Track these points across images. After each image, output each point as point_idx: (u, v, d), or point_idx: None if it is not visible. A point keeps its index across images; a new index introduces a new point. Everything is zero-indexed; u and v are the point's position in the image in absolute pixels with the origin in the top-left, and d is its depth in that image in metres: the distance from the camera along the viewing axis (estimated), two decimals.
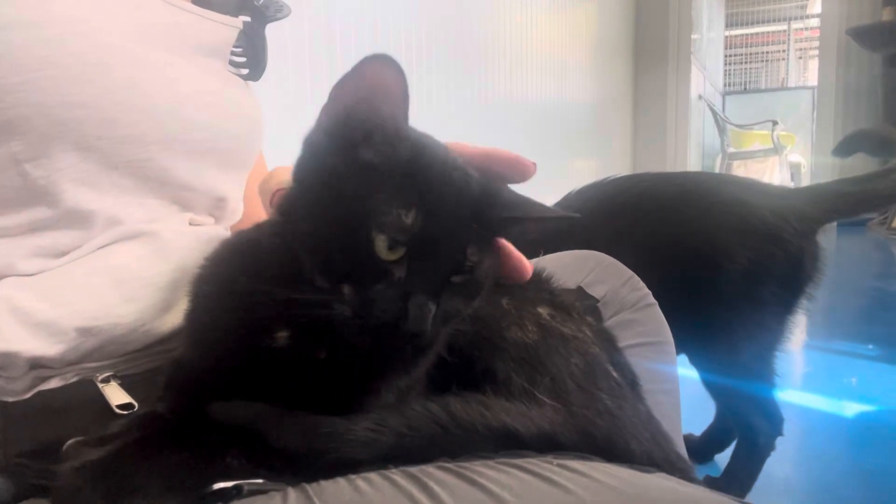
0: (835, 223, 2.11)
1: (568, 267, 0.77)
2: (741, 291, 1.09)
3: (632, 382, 0.58)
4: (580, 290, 0.75)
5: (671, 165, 5.30)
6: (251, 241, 0.46)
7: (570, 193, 1.32)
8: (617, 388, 0.53)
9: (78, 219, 0.50)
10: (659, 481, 0.38)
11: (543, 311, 0.54)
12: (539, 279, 0.62)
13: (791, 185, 6.28)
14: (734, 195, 1.15)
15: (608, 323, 0.74)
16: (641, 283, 0.78)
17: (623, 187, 1.26)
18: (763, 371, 1.14)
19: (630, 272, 0.79)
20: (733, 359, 1.12)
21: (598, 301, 0.75)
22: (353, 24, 1.75)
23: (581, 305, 0.63)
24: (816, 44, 6.84)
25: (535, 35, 3.29)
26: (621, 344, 0.64)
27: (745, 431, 1.17)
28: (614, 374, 0.55)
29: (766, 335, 1.13)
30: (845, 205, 1.09)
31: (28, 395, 0.46)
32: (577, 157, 4.14)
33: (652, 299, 0.78)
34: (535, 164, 0.45)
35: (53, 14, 0.48)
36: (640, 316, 0.75)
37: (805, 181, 6.63)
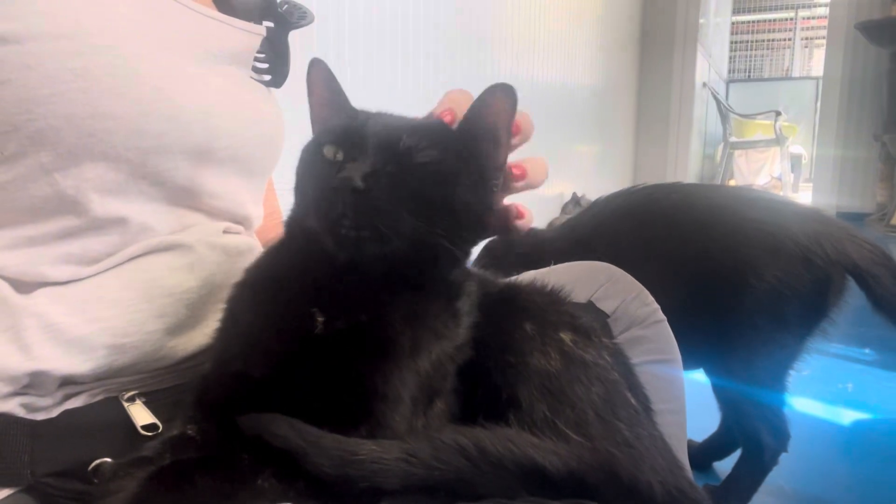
0: (833, 213, 2.09)
1: (578, 279, 0.77)
2: (765, 309, 1.09)
3: (646, 407, 0.59)
4: (591, 305, 0.75)
5: (673, 153, 5.28)
6: (276, 245, 0.52)
7: (598, 199, 1.33)
8: (634, 415, 0.54)
9: (108, 225, 0.50)
10: None
11: (566, 336, 0.54)
12: (558, 299, 0.62)
13: (791, 175, 6.29)
14: (766, 213, 1.14)
15: (617, 340, 0.74)
16: (651, 298, 0.78)
17: (652, 197, 1.25)
18: (776, 388, 1.15)
19: (640, 286, 0.78)
20: (748, 374, 1.13)
21: (608, 316, 0.75)
22: (361, 18, 1.74)
23: (596, 323, 0.63)
24: (822, 32, 6.78)
25: (542, 18, 3.25)
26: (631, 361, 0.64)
27: (751, 445, 1.18)
28: (632, 400, 0.55)
29: (783, 354, 1.14)
30: (877, 273, 1.07)
31: (55, 414, 0.46)
32: (580, 143, 4.13)
33: (661, 315, 0.77)
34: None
35: (84, 25, 0.47)
36: (650, 333, 0.75)
37: (806, 173, 6.64)
